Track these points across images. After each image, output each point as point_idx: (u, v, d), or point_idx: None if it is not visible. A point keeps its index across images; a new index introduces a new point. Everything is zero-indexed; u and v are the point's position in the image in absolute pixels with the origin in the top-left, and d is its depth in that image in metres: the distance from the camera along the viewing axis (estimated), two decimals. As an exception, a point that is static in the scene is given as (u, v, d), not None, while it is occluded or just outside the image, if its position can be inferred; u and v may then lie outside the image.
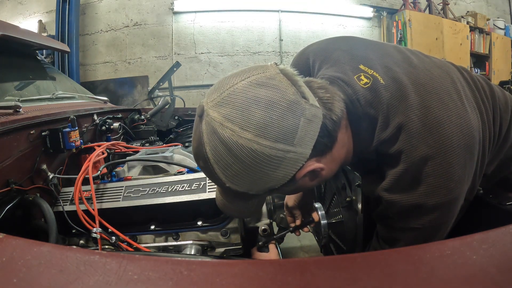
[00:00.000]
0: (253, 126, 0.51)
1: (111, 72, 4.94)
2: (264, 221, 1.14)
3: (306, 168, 0.58)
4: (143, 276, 0.38)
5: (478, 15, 5.23)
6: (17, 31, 1.50)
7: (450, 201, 0.62)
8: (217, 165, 0.55)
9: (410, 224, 0.64)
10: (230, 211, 0.70)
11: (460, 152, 0.60)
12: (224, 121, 0.52)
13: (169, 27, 4.91)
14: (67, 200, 0.97)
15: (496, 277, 0.36)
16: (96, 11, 4.88)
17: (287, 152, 0.54)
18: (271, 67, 0.57)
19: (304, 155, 0.56)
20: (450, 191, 0.60)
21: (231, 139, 0.52)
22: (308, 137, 0.55)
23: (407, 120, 0.62)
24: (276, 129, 0.52)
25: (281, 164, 0.54)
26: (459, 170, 0.60)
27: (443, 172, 0.60)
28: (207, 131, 0.54)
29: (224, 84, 0.55)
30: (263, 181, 0.56)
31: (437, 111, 0.62)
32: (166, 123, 2.04)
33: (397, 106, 0.63)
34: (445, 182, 0.60)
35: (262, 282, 0.38)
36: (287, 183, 0.58)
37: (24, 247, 0.45)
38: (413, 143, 0.61)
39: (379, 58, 0.70)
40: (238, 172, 0.54)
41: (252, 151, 0.52)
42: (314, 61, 0.77)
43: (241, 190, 0.58)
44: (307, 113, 0.55)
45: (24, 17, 4.90)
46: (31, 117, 1.09)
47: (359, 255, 0.46)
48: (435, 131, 0.60)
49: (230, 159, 0.53)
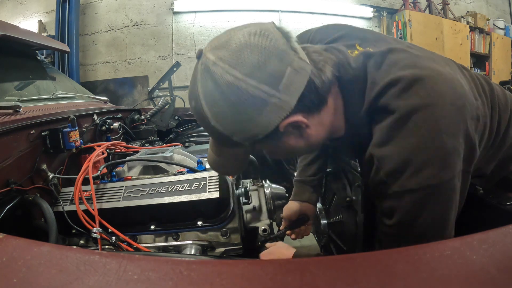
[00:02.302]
0: (242, 66, 0.55)
1: (111, 72, 4.94)
2: (264, 221, 1.14)
3: (290, 119, 0.59)
4: (143, 276, 0.38)
5: (478, 15, 5.23)
6: (17, 31, 1.50)
7: (445, 156, 0.58)
8: (205, 102, 0.58)
9: (406, 185, 0.58)
10: (217, 166, 0.71)
11: (452, 110, 0.59)
12: (217, 60, 0.56)
13: (169, 27, 4.91)
14: (67, 200, 0.97)
15: (496, 277, 0.36)
16: (96, 11, 4.88)
17: (271, 96, 0.56)
18: (268, 23, 0.61)
19: (288, 105, 0.58)
20: (443, 144, 0.57)
21: (221, 76, 0.55)
22: (293, 86, 0.57)
23: (398, 76, 0.62)
24: (263, 71, 0.55)
25: (265, 108, 0.56)
26: (452, 126, 0.58)
27: (435, 124, 0.58)
28: (201, 70, 0.58)
29: (225, 34, 0.60)
30: (247, 125, 0.58)
31: (430, 72, 0.62)
32: (166, 123, 2.03)
33: (389, 67, 0.64)
34: (438, 134, 0.57)
35: (262, 282, 0.38)
36: (271, 134, 0.59)
37: (24, 247, 0.45)
38: (404, 96, 0.60)
39: (375, 40, 0.72)
40: (224, 110, 0.57)
41: (238, 89, 0.55)
42: (313, 38, 0.80)
43: (225, 133, 0.59)
44: (295, 64, 0.57)
45: (24, 17, 4.89)
46: (31, 117, 1.09)
47: (359, 255, 0.46)
48: (427, 85, 0.60)
49: (218, 95, 0.56)
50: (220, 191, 0.92)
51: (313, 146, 0.70)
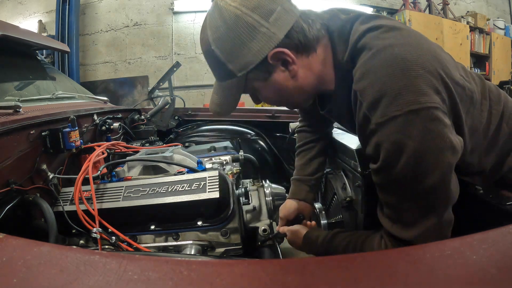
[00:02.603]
0: (243, 0, 0.67)
1: (111, 72, 4.94)
2: (264, 221, 1.14)
3: (278, 49, 0.67)
4: (143, 276, 0.38)
5: (478, 15, 5.23)
6: (17, 31, 1.50)
7: (421, 85, 0.58)
8: (209, 28, 0.70)
9: (387, 113, 0.59)
10: (214, 106, 0.78)
11: (429, 54, 0.62)
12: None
13: (169, 27, 4.91)
14: (67, 200, 0.97)
15: (496, 277, 0.36)
16: (96, 11, 4.88)
17: (261, 26, 0.66)
18: None
19: (276, 37, 0.67)
20: (418, 74, 0.59)
21: (224, 6, 0.67)
22: (281, 21, 0.67)
23: (380, 24, 0.68)
24: (258, 4, 0.66)
25: (256, 36, 0.66)
26: (428, 63, 0.60)
27: (411, 57, 0.60)
28: (211, 6, 0.71)
29: None
30: (241, 50, 0.67)
31: (411, 31, 0.69)
32: (166, 123, 2.04)
33: (373, 22, 0.69)
34: (412, 65, 0.59)
35: (262, 282, 0.38)
36: (261, 64, 0.68)
37: (24, 247, 0.45)
38: (382, 37, 0.65)
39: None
40: (222, 34, 0.68)
41: (235, 15, 0.66)
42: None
43: (222, 59, 0.69)
44: (285, 5, 0.68)
45: (24, 17, 4.90)
46: (31, 117, 1.09)
47: (359, 255, 0.46)
48: (407, 33, 0.66)
49: (219, 21, 0.68)
50: (220, 191, 0.92)
51: (303, 92, 0.76)
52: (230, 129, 2.06)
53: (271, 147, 1.99)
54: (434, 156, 0.59)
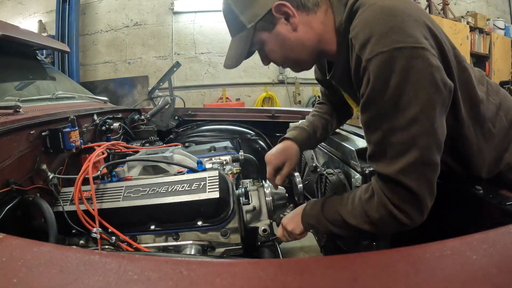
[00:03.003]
0: None
1: (111, 72, 4.94)
2: (264, 221, 1.14)
3: (280, 1, 0.76)
4: (143, 276, 0.38)
5: (478, 15, 5.23)
6: (17, 31, 1.50)
7: (408, 28, 0.64)
8: None
9: (374, 50, 0.65)
10: (227, 60, 0.86)
11: (418, 11, 0.69)
12: None
13: (169, 27, 4.91)
14: (67, 200, 0.97)
15: (496, 277, 0.36)
16: (96, 11, 4.88)
17: None
18: None
19: None
20: (405, 20, 0.65)
21: None
22: None
23: None
24: None
25: None
26: (414, 14, 0.67)
27: (399, 7, 0.66)
28: None
29: None
30: (251, 3, 0.77)
31: None
32: (166, 123, 2.04)
33: None
34: (401, 13, 0.66)
35: (262, 282, 0.38)
36: (267, 16, 0.77)
37: (24, 247, 0.45)
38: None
39: None
40: None
41: None
42: None
43: (236, 11, 0.79)
44: None
45: (24, 17, 4.90)
46: (31, 117, 1.09)
47: (359, 255, 0.46)
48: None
49: None
50: (220, 191, 0.92)
51: (304, 46, 0.81)
52: (230, 129, 2.06)
53: (271, 147, 1.98)
54: (414, 90, 0.63)
